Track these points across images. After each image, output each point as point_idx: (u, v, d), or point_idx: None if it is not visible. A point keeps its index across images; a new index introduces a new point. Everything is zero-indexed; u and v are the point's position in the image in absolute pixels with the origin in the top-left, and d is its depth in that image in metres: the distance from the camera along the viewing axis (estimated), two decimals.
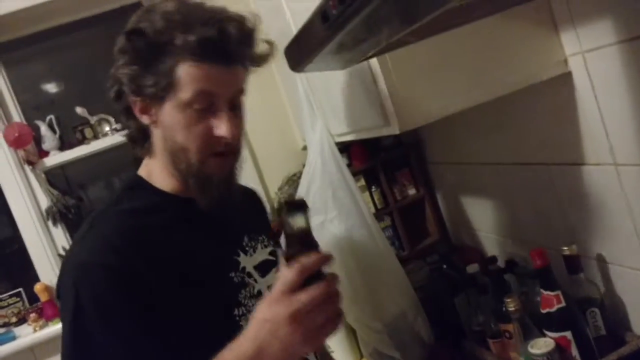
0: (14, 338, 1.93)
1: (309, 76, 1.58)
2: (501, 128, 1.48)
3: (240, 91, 0.94)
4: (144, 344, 0.83)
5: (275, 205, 2.08)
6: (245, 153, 2.00)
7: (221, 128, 0.89)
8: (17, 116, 2.02)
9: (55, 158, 2.01)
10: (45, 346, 1.94)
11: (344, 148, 2.01)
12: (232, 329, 0.85)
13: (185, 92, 0.86)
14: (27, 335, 1.94)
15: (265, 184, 2.08)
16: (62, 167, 2.08)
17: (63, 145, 2.03)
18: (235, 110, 0.93)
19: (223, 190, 0.94)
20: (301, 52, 0.93)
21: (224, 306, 0.94)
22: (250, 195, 1.21)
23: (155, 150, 0.95)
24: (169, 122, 0.89)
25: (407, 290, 1.56)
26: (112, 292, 0.83)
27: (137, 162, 1.00)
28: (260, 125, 2.05)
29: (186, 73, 0.85)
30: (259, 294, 0.98)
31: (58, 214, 1.93)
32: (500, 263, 1.50)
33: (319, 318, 0.74)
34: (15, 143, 1.92)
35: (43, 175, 2.01)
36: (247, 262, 1.00)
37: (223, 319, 0.92)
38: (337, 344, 1.77)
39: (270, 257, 1.06)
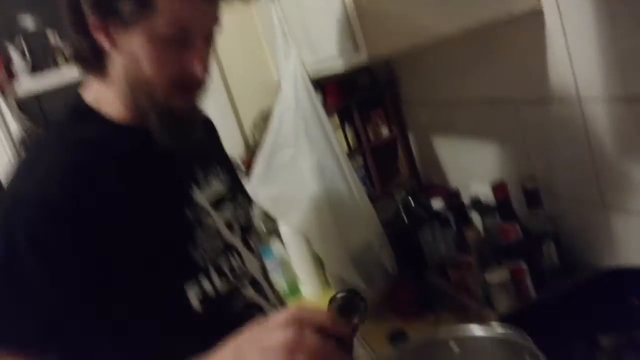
0: None
1: (284, 6, 1.56)
2: (472, 65, 1.49)
3: (217, 26, 0.87)
4: (87, 285, 0.76)
5: (250, 141, 2.08)
6: (220, 87, 2.01)
7: (195, 65, 0.82)
8: None
9: (28, 85, 1.96)
10: None
11: (319, 87, 2.00)
12: (189, 270, 0.84)
13: (162, 23, 0.78)
14: None
15: (239, 119, 2.08)
16: (38, 98, 2.03)
17: (35, 69, 1.98)
18: (208, 44, 0.86)
19: (186, 126, 0.87)
20: None
21: (179, 244, 0.86)
22: (204, 124, 1.06)
23: (110, 76, 0.84)
24: (135, 51, 0.80)
25: (374, 224, 1.59)
26: (52, 230, 0.74)
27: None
28: (235, 58, 2.03)
29: (166, 3, 0.77)
30: (214, 231, 0.91)
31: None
32: (466, 201, 1.54)
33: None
34: None
35: (14, 103, 1.97)
36: (202, 197, 0.93)
37: (178, 259, 0.85)
38: (305, 274, 1.82)
39: (226, 191, 0.99)
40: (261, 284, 0.97)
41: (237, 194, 1.03)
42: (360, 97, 2.05)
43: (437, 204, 1.59)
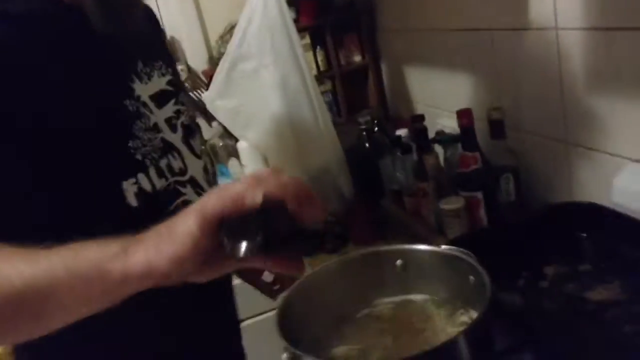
0: None
1: None
2: None
3: None
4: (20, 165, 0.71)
5: (214, 54, 1.99)
6: None
7: None
8: None
9: None
10: None
11: (293, 1, 1.90)
12: (126, 162, 0.79)
13: None
14: None
15: (205, 30, 1.97)
16: None
17: None
18: None
19: (124, 9, 0.81)
20: None
21: (118, 137, 0.80)
22: (145, 13, 0.98)
23: None
24: None
25: (334, 147, 1.55)
26: None
27: None
28: None
29: None
30: (154, 127, 0.85)
31: None
32: (431, 133, 1.50)
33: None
34: None
35: None
36: (142, 90, 0.86)
37: (116, 151, 0.80)
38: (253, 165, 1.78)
39: (168, 87, 0.91)
40: (202, 185, 0.93)
41: (179, 93, 0.95)
42: (335, 18, 1.97)
43: (401, 132, 1.56)
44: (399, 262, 0.90)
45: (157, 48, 0.97)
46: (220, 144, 1.87)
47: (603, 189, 1.04)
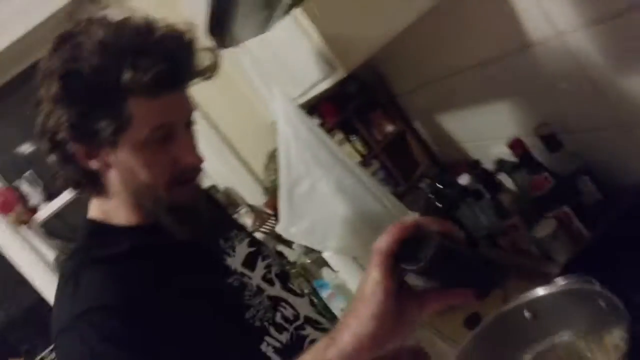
0: None
1: (253, 50, 1.59)
2: (447, 38, 1.49)
3: (192, 110, 0.88)
4: None
5: (267, 184, 2.11)
6: (221, 146, 2.05)
7: (187, 156, 0.84)
8: None
9: (46, 211, 2.04)
10: None
11: (312, 108, 2.03)
12: (249, 333, 0.87)
13: (141, 130, 0.80)
14: None
15: (251, 168, 2.11)
16: (58, 215, 2.11)
17: (50, 196, 2.06)
18: (190, 129, 0.87)
19: (196, 214, 0.88)
20: (220, 24, 0.94)
21: (235, 314, 0.89)
22: (206, 198, 1.07)
23: (111, 191, 0.86)
24: (126, 163, 0.82)
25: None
26: (124, 329, 0.76)
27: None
28: (227, 115, 2.07)
29: (139, 110, 0.78)
30: (259, 290, 0.93)
31: None
32: (489, 165, 1.53)
33: None
34: (3, 209, 1.94)
35: (40, 230, 2.04)
36: (234, 263, 0.95)
37: (238, 327, 0.88)
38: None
39: (250, 249, 1.00)
40: (318, 320, 0.99)
41: (261, 248, 1.04)
42: (355, 104, 2.07)
43: (464, 179, 1.59)
44: (527, 313, 0.92)
45: (226, 220, 1.08)
46: (308, 260, 1.94)
47: None
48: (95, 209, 0.90)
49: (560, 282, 0.88)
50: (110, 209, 0.88)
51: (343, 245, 1.63)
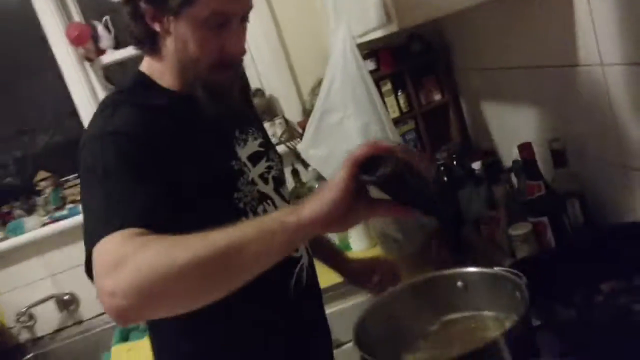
0: (79, 213, 2.25)
1: None
2: (509, 33, 1.55)
3: (251, 7, 1.02)
4: (166, 201, 0.91)
5: (307, 106, 2.24)
6: (281, 57, 2.17)
7: (234, 45, 0.99)
8: (77, 16, 2.23)
9: (110, 56, 2.22)
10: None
11: (373, 53, 2.12)
12: (232, 210, 1.03)
13: (203, 10, 0.92)
14: None
15: (298, 86, 2.24)
16: (121, 64, 2.29)
17: (118, 44, 2.24)
18: (243, 25, 1.01)
19: (226, 97, 1.04)
20: None
21: (226, 190, 1.04)
22: (243, 90, 1.21)
23: (163, 54, 1.01)
24: (182, 35, 0.95)
25: None
26: (137, 154, 0.91)
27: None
28: (296, 31, 2.18)
29: None
30: (252, 182, 1.08)
31: None
32: (509, 163, 1.62)
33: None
34: (76, 41, 2.14)
35: (101, 71, 2.24)
36: (242, 152, 1.10)
37: (225, 201, 1.03)
38: (354, 231, 1.98)
39: (260, 149, 1.15)
40: None
41: (269, 152, 1.19)
42: (413, 63, 2.14)
43: (476, 165, 1.70)
44: (459, 283, 1.06)
45: (249, 116, 1.22)
46: (316, 185, 2.09)
47: None
48: (146, 65, 1.06)
49: (495, 269, 1.01)
50: (158, 69, 1.04)
51: None
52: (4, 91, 2.40)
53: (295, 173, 2.13)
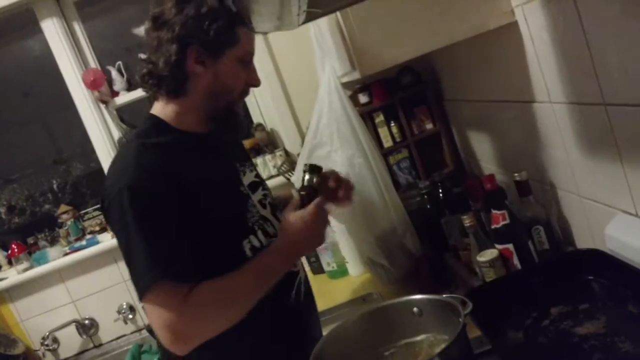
0: (97, 243, 2.42)
1: (319, 24, 1.81)
2: (480, 69, 1.66)
3: None
4: (186, 238, 1.12)
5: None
6: (280, 95, 2.31)
7: (255, 78, 1.25)
8: (92, 62, 2.42)
9: (123, 97, 2.40)
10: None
11: (366, 87, 2.24)
12: (246, 228, 1.23)
13: (240, 50, 1.18)
14: (107, 240, 2.41)
15: (297, 119, 2.37)
16: (131, 105, 2.47)
17: (130, 87, 2.42)
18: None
19: (240, 128, 1.32)
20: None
21: (241, 211, 1.24)
22: None
23: (189, 94, 1.19)
24: (224, 69, 1.17)
25: (399, 210, 1.81)
26: (162, 206, 1.09)
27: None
28: (293, 68, 2.32)
29: (243, 36, 1.18)
30: (254, 205, 1.29)
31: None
32: None
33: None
34: (92, 85, 2.32)
35: (115, 112, 2.42)
36: (244, 181, 1.31)
37: (240, 220, 1.23)
38: (350, 256, 2.08)
39: (256, 179, 1.35)
40: None
41: (262, 182, 1.40)
42: (404, 94, 2.25)
43: (456, 192, 1.78)
44: (415, 309, 1.16)
45: (244, 153, 1.45)
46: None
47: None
48: (159, 109, 1.24)
49: (444, 296, 1.11)
50: (174, 110, 1.22)
51: (338, 211, 1.88)
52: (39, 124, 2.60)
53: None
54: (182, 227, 1.12)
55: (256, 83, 1.26)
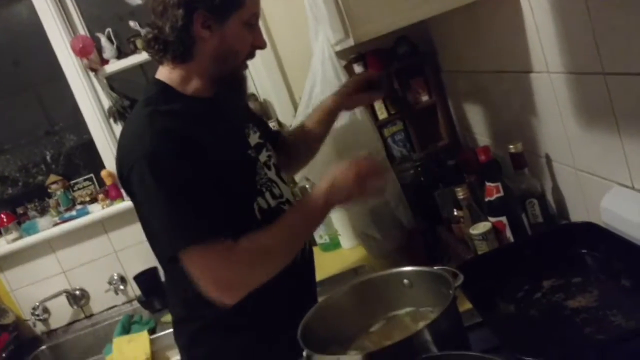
0: (87, 213, 2.40)
1: None
2: (477, 39, 1.62)
3: None
4: (211, 196, 1.14)
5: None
6: (274, 65, 2.26)
7: (261, 40, 1.25)
8: (81, 29, 2.36)
9: (113, 65, 2.35)
10: (111, 220, 2.41)
11: (361, 56, 2.19)
12: (255, 191, 1.25)
13: (246, 13, 1.17)
14: (98, 211, 2.39)
15: (290, 90, 2.33)
16: (122, 73, 2.42)
17: (120, 54, 2.36)
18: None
19: (244, 90, 1.31)
20: None
21: (250, 174, 1.26)
22: None
23: (195, 58, 1.19)
24: (230, 33, 1.17)
25: (392, 182, 1.79)
26: (184, 169, 1.11)
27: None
28: (286, 35, 2.26)
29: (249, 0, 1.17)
30: (262, 167, 1.30)
31: (117, 113, 2.30)
32: None
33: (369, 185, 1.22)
34: (81, 53, 2.27)
35: (105, 81, 2.37)
36: (251, 143, 1.31)
37: (250, 183, 1.26)
38: (343, 229, 2.07)
39: (260, 140, 1.35)
40: (293, 203, 1.37)
41: (267, 143, 1.38)
42: (400, 66, 2.21)
43: (450, 164, 1.76)
44: (405, 281, 1.14)
45: (247, 112, 1.44)
46: (307, 185, 2.18)
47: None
48: (165, 74, 1.24)
49: (435, 268, 1.09)
50: (180, 75, 1.23)
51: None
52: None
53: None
54: (206, 185, 1.13)
55: (262, 45, 1.25)
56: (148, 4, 1.19)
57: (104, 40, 2.34)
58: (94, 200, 2.44)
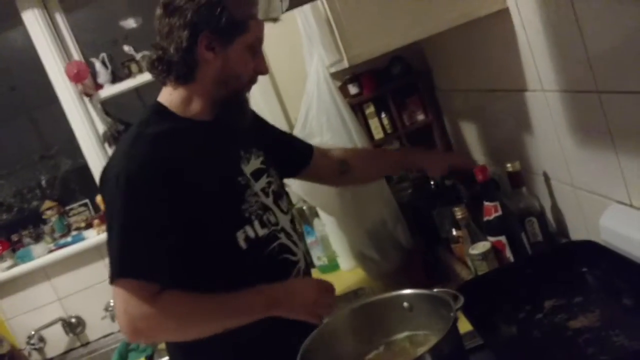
0: (83, 239, 2.38)
1: (306, 13, 1.77)
2: (471, 57, 1.62)
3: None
4: (166, 236, 1.13)
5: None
6: (268, 86, 2.26)
7: (264, 66, 1.26)
8: (75, 54, 2.37)
9: (108, 90, 2.35)
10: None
11: (355, 77, 2.19)
12: (240, 218, 1.22)
13: (250, 37, 1.19)
14: (93, 237, 2.37)
15: (286, 112, 2.33)
16: (116, 98, 2.42)
17: (114, 79, 2.36)
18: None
19: (246, 114, 1.31)
20: None
21: (233, 202, 1.23)
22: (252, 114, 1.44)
23: (198, 80, 1.20)
24: (234, 56, 1.18)
25: (389, 204, 1.77)
26: (148, 202, 1.11)
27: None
28: (281, 57, 2.27)
29: (252, 24, 1.19)
30: (256, 194, 1.27)
31: (111, 138, 2.29)
32: None
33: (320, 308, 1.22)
34: (75, 78, 2.27)
35: (99, 105, 2.37)
36: (247, 169, 1.29)
37: (233, 211, 1.23)
38: (341, 250, 2.05)
39: (261, 166, 1.33)
40: (291, 233, 1.33)
41: (269, 169, 1.36)
42: (394, 85, 2.21)
43: (448, 184, 1.75)
44: (405, 304, 1.13)
45: (253, 138, 1.38)
46: (305, 207, 2.17)
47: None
48: (166, 96, 1.25)
49: (435, 290, 1.08)
50: (181, 97, 1.23)
51: (328, 205, 1.85)
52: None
53: (286, 195, 2.21)
54: (169, 223, 1.12)
55: (264, 71, 1.27)
56: (154, 26, 1.21)
57: (98, 65, 2.34)
58: (89, 225, 2.42)
